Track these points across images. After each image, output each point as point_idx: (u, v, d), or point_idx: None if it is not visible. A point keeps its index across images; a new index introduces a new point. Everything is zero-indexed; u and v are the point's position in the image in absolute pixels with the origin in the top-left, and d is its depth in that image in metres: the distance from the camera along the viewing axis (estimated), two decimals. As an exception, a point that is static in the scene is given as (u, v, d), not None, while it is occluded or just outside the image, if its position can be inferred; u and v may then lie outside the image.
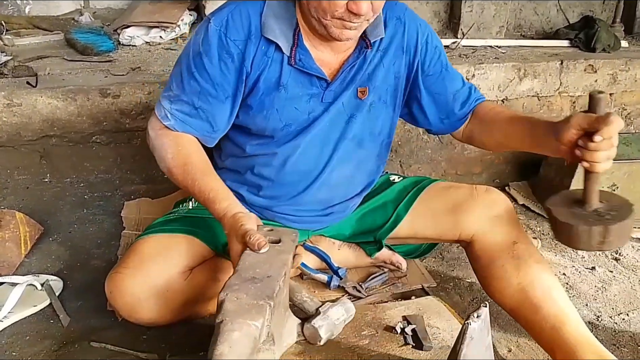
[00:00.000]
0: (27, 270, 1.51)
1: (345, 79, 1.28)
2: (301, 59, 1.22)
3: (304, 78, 1.25)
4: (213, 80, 1.20)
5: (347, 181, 1.40)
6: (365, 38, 1.26)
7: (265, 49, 1.21)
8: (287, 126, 1.28)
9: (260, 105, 1.25)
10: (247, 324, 0.89)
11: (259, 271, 1.00)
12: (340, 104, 1.30)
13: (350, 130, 1.33)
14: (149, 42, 2.47)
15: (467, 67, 2.26)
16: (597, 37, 2.55)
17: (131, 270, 1.20)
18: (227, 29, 1.19)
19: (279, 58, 1.22)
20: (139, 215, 1.78)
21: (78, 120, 1.93)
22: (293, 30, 1.22)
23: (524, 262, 1.26)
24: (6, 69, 2.02)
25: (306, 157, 1.32)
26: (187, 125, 1.23)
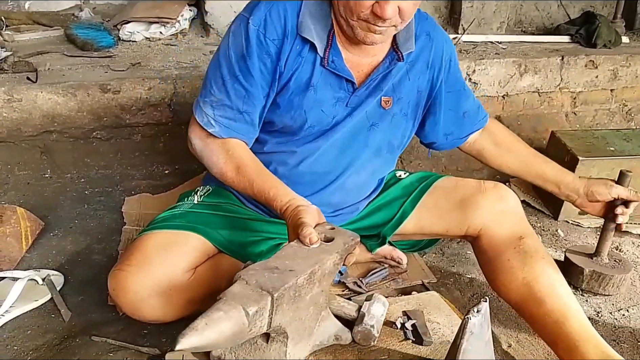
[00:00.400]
0: (28, 265, 1.51)
1: (371, 85, 1.29)
2: (334, 60, 1.22)
3: (333, 80, 1.25)
4: (257, 82, 1.21)
5: (361, 187, 1.42)
6: (397, 50, 1.27)
7: (299, 48, 1.21)
8: (311, 127, 1.28)
9: (289, 104, 1.25)
10: (237, 308, 0.88)
11: (288, 263, 0.99)
12: (363, 112, 1.30)
13: (371, 138, 1.34)
14: (149, 38, 2.47)
15: (468, 62, 2.27)
16: (598, 33, 2.55)
17: (134, 268, 1.19)
18: (266, 29, 1.19)
19: (312, 58, 1.22)
20: (140, 211, 1.78)
21: (78, 115, 1.94)
22: (328, 31, 1.22)
23: (530, 257, 1.27)
24: (6, 64, 2.02)
25: (323, 160, 1.32)
26: (232, 130, 1.23)
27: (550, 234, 1.87)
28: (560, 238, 1.85)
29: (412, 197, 1.45)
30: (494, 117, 2.39)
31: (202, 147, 1.26)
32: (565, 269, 1.56)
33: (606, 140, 2.02)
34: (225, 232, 1.31)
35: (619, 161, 1.88)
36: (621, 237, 1.84)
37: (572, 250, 1.64)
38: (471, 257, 1.65)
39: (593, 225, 1.91)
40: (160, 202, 1.79)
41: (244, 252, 1.32)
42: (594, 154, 1.91)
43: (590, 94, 2.51)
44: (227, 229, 1.32)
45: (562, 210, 1.93)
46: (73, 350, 1.21)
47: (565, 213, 1.94)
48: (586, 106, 2.53)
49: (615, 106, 2.58)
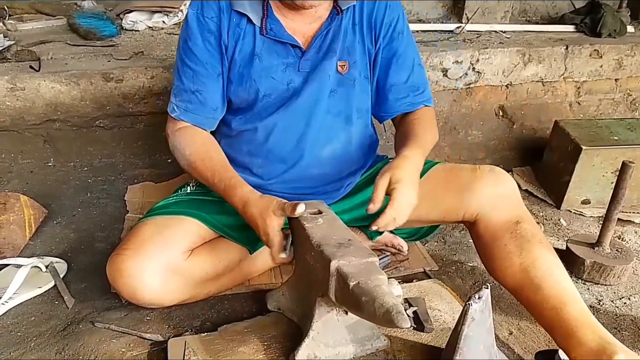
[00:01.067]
0: (32, 253, 1.52)
1: (322, 48, 1.32)
2: (272, 28, 1.28)
3: (278, 47, 1.30)
4: (202, 60, 1.28)
5: (340, 158, 1.42)
6: (337, 6, 1.31)
7: (237, 21, 1.28)
8: (267, 96, 1.32)
9: (240, 77, 1.31)
10: (378, 278, 0.98)
11: (336, 238, 1.08)
12: (325, 77, 1.32)
13: (334, 105, 1.35)
14: (152, 27, 2.46)
15: (472, 52, 2.25)
16: (603, 22, 2.52)
17: (131, 252, 1.20)
18: (203, 9, 1.27)
19: (251, 30, 1.29)
20: (143, 199, 1.79)
21: (81, 104, 1.94)
22: (262, 1, 1.28)
23: (527, 241, 1.25)
24: (9, 53, 2.02)
25: (289, 132, 1.35)
26: (189, 112, 1.31)
27: (553, 223, 1.87)
28: (563, 227, 1.85)
29: None
30: (498, 106, 2.39)
31: (173, 140, 1.33)
32: (567, 258, 1.56)
33: (610, 129, 2.01)
34: (220, 217, 1.33)
35: (622, 150, 1.88)
36: (624, 226, 1.83)
37: (573, 240, 1.64)
38: (472, 245, 1.65)
39: (595, 214, 1.91)
40: (162, 191, 1.80)
41: (240, 235, 1.33)
42: (598, 143, 1.90)
43: (594, 83, 2.49)
44: (220, 213, 1.33)
45: (565, 199, 1.93)
46: (76, 337, 1.22)
47: (568, 202, 1.94)
48: (590, 96, 2.51)
49: (620, 96, 2.56)
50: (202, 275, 1.27)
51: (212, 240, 1.32)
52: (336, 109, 1.36)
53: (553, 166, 2.02)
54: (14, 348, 1.19)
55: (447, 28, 2.56)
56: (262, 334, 1.19)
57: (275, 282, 1.41)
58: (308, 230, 1.10)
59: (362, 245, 1.08)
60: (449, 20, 2.74)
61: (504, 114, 2.39)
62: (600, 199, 1.92)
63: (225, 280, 1.34)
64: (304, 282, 1.18)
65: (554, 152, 2.02)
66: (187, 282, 1.25)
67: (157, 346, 1.20)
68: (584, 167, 1.89)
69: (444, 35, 2.48)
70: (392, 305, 0.90)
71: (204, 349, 1.13)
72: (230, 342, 1.16)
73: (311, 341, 1.09)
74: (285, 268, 1.46)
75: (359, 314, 1.00)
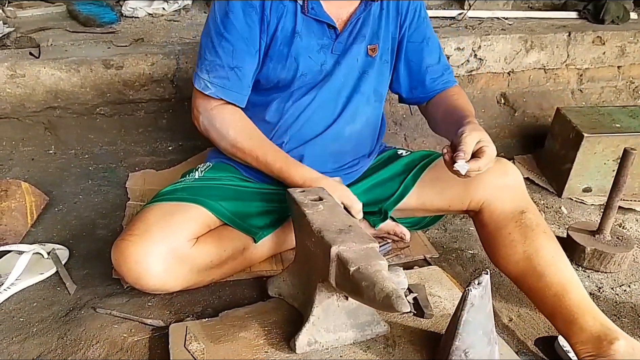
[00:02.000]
0: (34, 240, 1.52)
1: (353, 31, 1.37)
2: (313, 7, 1.31)
3: (316, 27, 1.33)
4: (242, 35, 1.27)
5: (357, 136, 1.47)
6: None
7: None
8: (303, 76, 1.35)
9: (280, 54, 1.32)
10: (378, 264, 0.98)
11: (336, 224, 1.08)
12: (353, 60, 1.38)
13: (362, 86, 1.42)
14: (152, 14, 2.45)
15: (474, 38, 2.24)
16: (606, 9, 2.51)
17: (136, 237, 1.20)
18: None
19: (293, 8, 1.30)
20: (144, 187, 1.79)
21: (82, 91, 1.93)
22: None
23: (531, 230, 1.27)
24: (9, 40, 2.02)
25: (320, 109, 1.39)
26: (226, 89, 1.30)
27: (554, 211, 1.87)
28: (564, 215, 1.85)
29: (414, 173, 1.45)
30: (499, 93, 2.38)
31: (209, 119, 1.32)
32: (568, 246, 1.56)
33: (612, 116, 2.00)
34: (227, 204, 1.32)
35: (624, 138, 1.87)
36: (625, 214, 1.83)
37: (574, 227, 1.64)
38: (473, 233, 1.65)
39: (597, 202, 1.91)
40: (163, 178, 1.80)
41: (246, 223, 1.33)
42: (600, 130, 1.89)
43: (597, 70, 2.48)
44: (228, 200, 1.33)
45: (566, 187, 1.93)
46: (78, 322, 1.22)
47: (569, 190, 1.93)
48: (592, 83, 2.50)
49: (622, 83, 2.55)
50: (206, 263, 1.27)
51: (217, 229, 1.32)
52: (362, 89, 1.42)
53: (554, 154, 2.01)
54: (16, 333, 1.20)
55: (449, 14, 2.55)
56: (262, 319, 1.19)
57: (276, 269, 1.42)
58: (308, 217, 1.10)
59: (362, 231, 1.08)
60: (450, 7, 2.72)
61: (506, 101, 2.38)
62: (602, 186, 1.92)
63: (229, 268, 1.34)
64: (305, 268, 1.18)
65: (556, 139, 2.02)
66: (192, 269, 1.25)
67: (159, 331, 1.20)
68: (585, 154, 1.88)
69: (446, 21, 2.47)
70: (391, 290, 0.91)
71: (205, 334, 1.14)
72: (231, 327, 1.16)
73: (311, 326, 1.09)
74: (286, 255, 1.47)
75: (359, 299, 1.00)
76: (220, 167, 1.44)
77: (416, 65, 1.48)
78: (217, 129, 1.32)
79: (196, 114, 1.35)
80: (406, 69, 1.49)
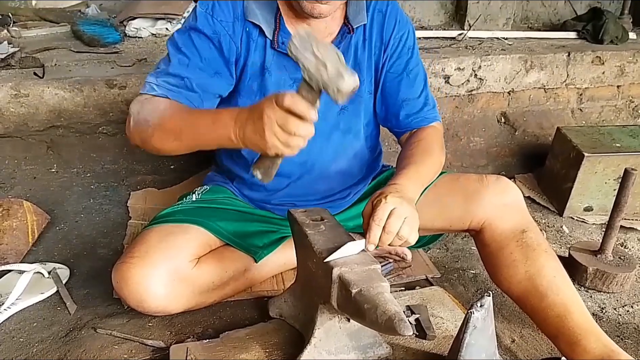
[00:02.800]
0: (35, 259, 1.52)
1: None
2: (284, 42, 1.25)
3: (287, 62, 1.25)
4: (200, 54, 1.22)
5: (346, 172, 1.43)
6: (348, 23, 1.30)
7: (249, 31, 1.25)
8: None
9: (249, 89, 1.29)
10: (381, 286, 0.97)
11: (338, 245, 1.06)
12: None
13: (343, 122, 1.36)
14: (155, 34, 2.48)
15: (474, 58, 2.26)
16: (605, 29, 2.53)
17: (137, 260, 1.20)
18: (214, 11, 1.23)
19: (262, 42, 1.27)
20: (145, 205, 1.79)
21: (84, 111, 1.94)
22: (274, 14, 1.26)
23: (533, 250, 1.26)
24: (13, 60, 2.03)
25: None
26: (173, 92, 1.19)
27: (555, 230, 1.87)
28: (565, 234, 1.85)
29: None
30: (500, 113, 2.39)
31: (139, 108, 1.16)
32: (570, 266, 1.55)
33: (612, 136, 2.01)
34: (226, 224, 1.33)
35: (624, 157, 1.88)
36: (626, 233, 1.83)
37: (576, 247, 1.64)
38: (475, 252, 1.65)
39: (598, 221, 1.91)
40: (165, 197, 1.80)
41: (246, 243, 1.33)
42: (600, 150, 1.90)
43: (596, 90, 2.49)
44: (227, 221, 1.34)
45: (567, 206, 1.93)
46: (78, 343, 1.22)
47: (570, 209, 1.93)
48: (592, 102, 2.52)
49: (622, 102, 2.56)
50: (208, 285, 1.27)
51: (218, 249, 1.32)
52: (345, 126, 1.36)
53: (555, 173, 2.02)
54: (17, 354, 1.19)
55: (449, 35, 2.57)
56: (263, 340, 1.19)
57: (278, 289, 1.41)
58: (310, 237, 1.10)
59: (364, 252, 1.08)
60: (451, 27, 2.75)
61: (506, 120, 2.39)
62: (603, 206, 1.92)
63: (230, 289, 1.34)
64: (306, 289, 1.18)
65: (556, 159, 2.02)
66: (193, 290, 1.24)
67: (159, 352, 1.20)
68: (586, 174, 1.89)
69: (446, 42, 2.49)
70: (394, 313, 0.90)
71: (206, 355, 1.13)
72: (232, 348, 1.16)
73: (313, 348, 1.08)
74: (287, 275, 1.46)
75: (361, 321, 1.00)
76: (217, 190, 1.45)
77: (392, 98, 1.38)
78: (148, 111, 1.15)
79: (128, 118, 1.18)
80: (382, 100, 1.40)
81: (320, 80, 0.89)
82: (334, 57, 0.89)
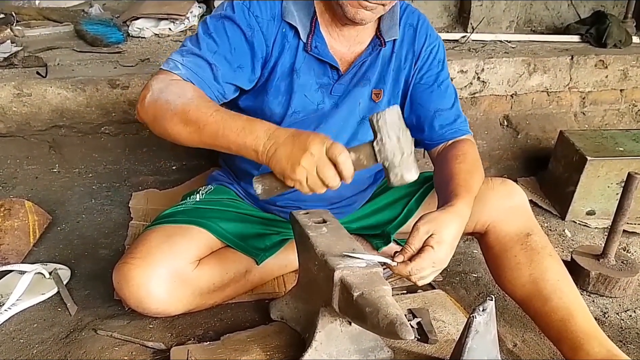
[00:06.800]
0: (36, 259, 1.52)
1: (358, 74, 1.30)
2: (317, 46, 1.25)
3: (317, 66, 1.27)
4: (230, 44, 1.19)
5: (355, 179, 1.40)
6: (380, 36, 1.29)
7: (285, 32, 1.25)
8: (296, 113, 1.29)
9: (276, 90, 1.28)
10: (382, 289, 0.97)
11: (340, 247, 1.06)
12: (355, 104, 1.31)
13: (361, 132, 1.35)
14: (158, 34, 2.48)
15: (477, 61, 2.25)
16: (609, 33, 2.53)
17: (138, 260, 1.19)
18: (251, 6, 1.22)
19: (295, 44, 1.26)
20: (147, 206, 1.79)
21: (87, 110, 1.94)
22: (310, 17, 1.25)
23: (537, 253, 1.26)
24: (16, 59, 2.04)
25: None
26: (197, 75, 1.14)
27: (558, 234, 1.86)
28: (568, 238, 1.84)
29: (418, 196, 1.45)
30: (502, 116, 2.39)
31: (164, 87, 1.10)
32: (572, 270, 1.55)
33: (615, 140, 2.01)
34: (228, 226, 1.32)
35: (627, 161, 1.87)
36: (629, 237, 1.82)
37: (579, 251, 1.63)
38: (477, 256, 1.65)
39: (600, 225, 1.90)
40: (166, 198, 1.80)
41: (247, 245, 1.33)
42: (603, 154, 1.89)
43: (599, 94, 2.49)
44: (229, 222, 1.33)
45: (570, 210, 1.92)
46: (79, 344, 1.21)
47: (572, 213, 1.93)
48: (595, 106, 2.51)
49: (625, 106, 2.55)
50: (209, 286, 1.27)
51: (219, 250, 1.32)
52: (363, 136, 1.34)
53: (558, 177, 2.01)
54: (17, 355, 1.19)
55: (453, 37, 2.57)
56: (265, 343, 1.18)
57: (279, 291, 1.41)
58: (312, 240, 1.10)
59: (365, 253, 1.07)
60: (454, 30, 2.75)
61: (509, 123, 2.39)
62: (605, 210, 1.91)
63: (231, 291, 1.33)
64: (308, 292, 1.17)
65: (559, 162, 2.02)
66: (194, 292, 1.24)
67: (160, 354, 1.19)
68: (589, 177, 1.88)
69: (449, 44, 2.49)
70: (395, 317, 0.90)
71: (207, 358, 1.13)
72: (233, 351, 1.15)
73: (314, 351, 1.08)
74: (289, 278, 1.46)
75: (363, 324, 1.00)
76: (221, 191, 1.45)
77: (424, 108, 1.36)
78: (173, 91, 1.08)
79: (145, 90, 1.11)
80: (411, 109, 1.38)
81: (390, 161, 0.92)
82: (410, 148, 0.92)
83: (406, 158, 0.91)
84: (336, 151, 0.95)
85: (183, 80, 1.13)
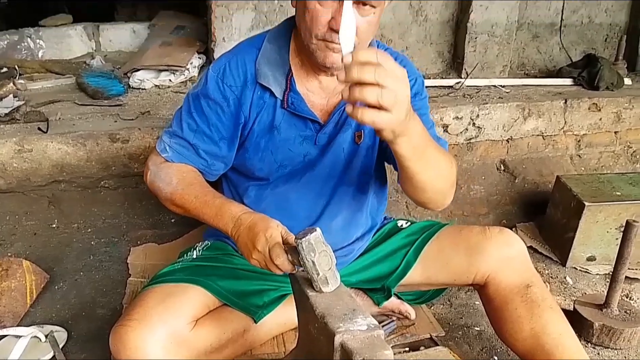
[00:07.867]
0: (32, 321, 1.50)
1: (339, 121, 1.31)
2: (293, 102, 1.27)
3: (297, 120, 1.29)
4: (208, 121, 1.28)
5: (350, 225, 1.41)
6: None
7: (260, 94, 1.28)
8: (282, 167, 1.32)
9: (256, 147, 1.31)
10: (384, 354, 0.95)
11: (340, 308, 1.04)
12: (339, 149, 1.33)
13: (349, 176, 1.36)
14: (158, 85, 2.51)
15: (472, 107, 2.29)
16: (600, 75, 2.57)
17: (135, 322, 1.17)
18: (224, 76, 1.27)
19: (273, 102, 1.28)
20: (145, 262, 1.78)
21: (87, 165, 1.96)
22: (285, 75, 1.27)
23: (537, 306, 1.26)
24: (18, 114, 2.06)
25: (302, 201, 1.35)
26: (183, 157, 1.29)
27: (559, 281, 1.85)
28: (569, 285, 1.83)
29: (415, 247, 1.44)
30: (499, 160, 2.40)
31: (156, 171, 1.29)
32: (575, 321, 1.53)
33: (612, 184, 2.02)
34: (225, 283, 1.31)
35: (625, 206, 1.88)
36: (631, 284, 1.81)
37: (581, 301, 1.62)
38: (479, 307, 1.63)
39: (602, 271, 1.89)
40: (165, 252, 1.79)
41: (245, 303, 1.32)
42: (600, 199, 1.90)
43: (594, 136, 2.52)
44: (226, 279, 1.32)
45: (570, 256, 1.91)
46: (75, 411, 1.19)
47: (573, 259, 1.92)
48: (591, 149, 2.53)
49: (620, 148, 2.58)
50: (205, 347, 1.25)
51: (216, 310, 1.31)
52: (351, 180, 1.36)
53: (556, 222, 2.01)
54: None
55: (447, 83, 2.61)
56: (265, 409, 1.16)
57: (278, 352, 1.39)
58: (311, 299, 1.08)
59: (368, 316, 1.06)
60: (448, 75, 2.79)
61: (506, 168, 2.40)
62: (606, 255, 1.91)
63: (229, 352, 1.31)
64: (308, 354, 1.15)
65: (557, 208, 2.02)
66: (191, 354, 1.21)
67: (158, 422, 1.17)
68: (587, 223, 1.88)
69: (444, 90, 2.53)
70: None
71: None
72: (232, 418, 1.13)
73: (315, 419, 1.06)
74: (288, 337, 1.44)
75: (364, 391, 0.98)
76: (218, 246, 1.45)
77: None
78: (162, 179, 1.27)
79: (146, 169, 1.33)
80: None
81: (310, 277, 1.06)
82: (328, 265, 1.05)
83: (322, 276, 1.04)
84: (273, 255, 1.07)
85: (170, 164, 1.29)
